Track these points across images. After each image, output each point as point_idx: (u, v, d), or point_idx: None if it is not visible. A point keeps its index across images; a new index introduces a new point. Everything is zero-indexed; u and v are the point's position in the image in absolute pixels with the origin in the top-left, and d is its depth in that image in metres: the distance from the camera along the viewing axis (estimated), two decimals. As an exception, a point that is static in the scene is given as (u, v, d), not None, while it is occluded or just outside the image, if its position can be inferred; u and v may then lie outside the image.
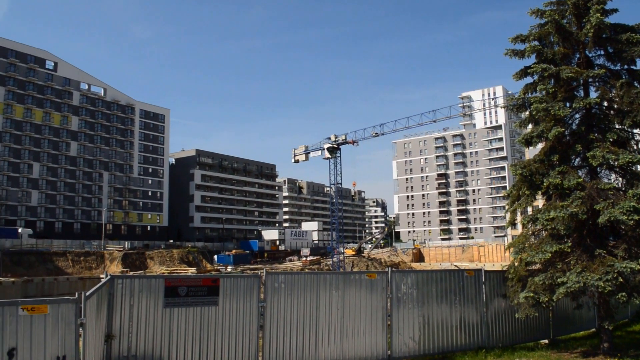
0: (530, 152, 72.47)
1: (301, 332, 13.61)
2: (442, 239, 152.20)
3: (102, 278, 11.20)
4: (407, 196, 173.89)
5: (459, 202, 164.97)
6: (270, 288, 13.29)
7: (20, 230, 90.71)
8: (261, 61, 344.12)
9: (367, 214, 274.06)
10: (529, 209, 17.42)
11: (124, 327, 11.76)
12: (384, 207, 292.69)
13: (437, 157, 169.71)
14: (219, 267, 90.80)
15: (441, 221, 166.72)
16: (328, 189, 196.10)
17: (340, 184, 78.71)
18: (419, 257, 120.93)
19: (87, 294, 9.32)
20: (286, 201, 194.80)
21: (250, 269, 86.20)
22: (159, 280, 12.25)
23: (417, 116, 69.86)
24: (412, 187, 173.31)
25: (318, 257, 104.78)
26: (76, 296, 9.00)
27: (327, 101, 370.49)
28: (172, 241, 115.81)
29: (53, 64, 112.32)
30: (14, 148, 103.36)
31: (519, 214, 17.67)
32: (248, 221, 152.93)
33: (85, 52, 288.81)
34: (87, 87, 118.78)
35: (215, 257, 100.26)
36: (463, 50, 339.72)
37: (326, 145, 77.45)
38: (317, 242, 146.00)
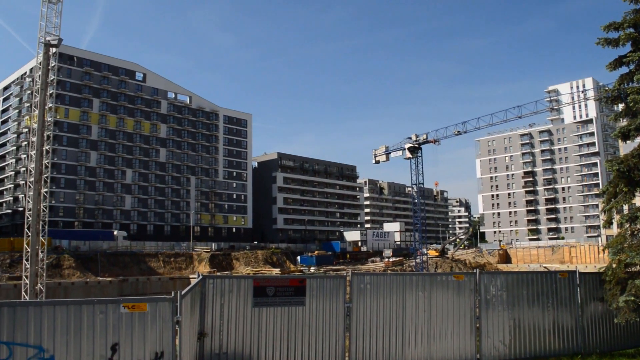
0: (626, 147, 68.42)
1: (387, 333, 13.54)
2: (530, 240, 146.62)
3: (191, 278, 11.67)
4: (492, 195, 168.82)
5: (548, 200, 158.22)
6: (356, 289, 13.31)
7: (115, 232, 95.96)
8: (341, 63, 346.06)
9: (450, 214, 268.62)
10: (626, 207, 16.48)
11: (215, 326, 12.16)
12: (467, 207, 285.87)
13: (523, 154, 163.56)
14: (302, 268, 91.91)
15: (528, 221, 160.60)
16: (409, 189, 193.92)
17: (422, 184, 77.55)
18: (506, 258, 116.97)
19: (182, 293, 9.71)
20: (367, 202, 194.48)
21: (332, 270, 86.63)
22: (247, 281, 12.58)
23: (501, 112, 67.63)
24: (497, 186, 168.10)
25: (401, 258, 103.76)
26: (172, 295, 9.40)
27: (407, 101, 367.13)
28: (256, 242, 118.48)
29: (142, 75, 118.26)
30: (109, 156, 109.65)
31: (615, 212, 16.74)
32: (330, 222, 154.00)
33: (171, 62, 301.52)
34: (173, 96, 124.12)
35: (298, 258, 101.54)
36: (548, 41, 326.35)
37: (407, 145, 76.56)
38: (399, 243, 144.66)
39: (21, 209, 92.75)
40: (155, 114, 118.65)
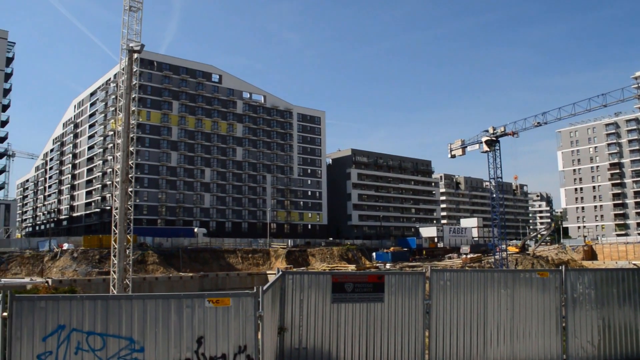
0: None
1: (468, 331, 13.26)
2: (617, 235, 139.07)
3: (269, 274, 11.91)
4: (575, 189, 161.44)
5: (637, 193, 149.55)
6: (435, 285, 13.11)
7: (196, 230, 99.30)
8: (412, 57, 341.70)
9: (530, 208, 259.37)
10: None
11: (295, 321, 12.32)
12: (549, 201, 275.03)
13: (609, 145, 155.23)
14: (377, 265, 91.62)
15: (616, 215, 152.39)
16: (487, 183, 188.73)
17: (501, 178, 75.44)
18: (591, 254, 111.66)
19: (264, 288, 9.90)
20: (443, 197, 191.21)
21: (409, 267, 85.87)
22: (326, 277, 12.66)
23: (584, 101, 64.15)
24: (580, 179, 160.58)
25: (479, 254, 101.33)
26: (255, 290, 9.60)
27: (482, 93, 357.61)
28: (331, 239, 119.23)
29: (218, 77, 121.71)
30: (188, 156, 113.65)
31: None
32: (405, 218, 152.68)
33: (245, 63, 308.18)
34: (248, 96, 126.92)
35: (374, 254, 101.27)
36: (634, 24, 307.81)
37: (484, 138, 74.68)
38: (477, 239, 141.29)
39: (108, 207, 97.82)
40: (231, 114, 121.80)
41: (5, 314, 8.75)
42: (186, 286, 69.11)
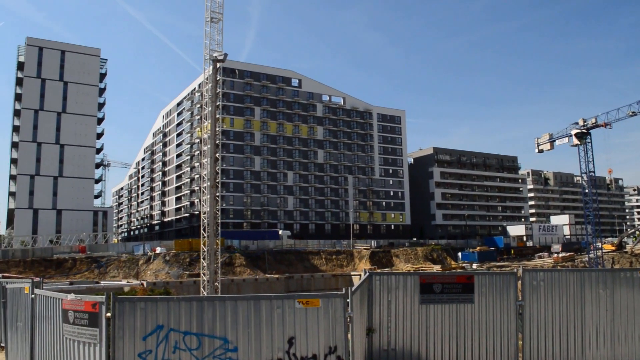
0: None
1: (565, 333, 12.70)
2: None
3: (353, 275, 11.91)
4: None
5: None
6: (528, 286, 12.65)
7: (280, 232, 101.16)
8: (495, 49, 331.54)
9: (626, 203, 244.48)
10: None
11: (383, 322, 12.27)
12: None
13: None
14: (463, 265, 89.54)
15: None
16: (578, 178, 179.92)
17: (593, 172, 71.74)
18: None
19: (353, 289, 9.94)
20: (531, 194, 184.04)
21: (496, 267, 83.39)
22: (414, 277, 12.52)
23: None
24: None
25: (571, 253, 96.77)
26: (343, 291, 9.65)
27: (568, 85, 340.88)
28: (415, 239, 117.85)
29: (297, 81, 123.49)
30: (271, 160, 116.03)
31: None
32: (491, 217, 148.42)
33: (323, 66, 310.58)
34: (328, 98, 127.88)
35: (459, 254, 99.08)
36: None
37: (574, 131, 71.34)
38: (568, 237, 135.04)
39: (197, 212, 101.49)
40: (311, 117, 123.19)
41: (109, 314, 9.24)
42: (272, 288, 70.45)
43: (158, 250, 78.09)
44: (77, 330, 9.72)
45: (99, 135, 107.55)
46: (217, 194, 38.58)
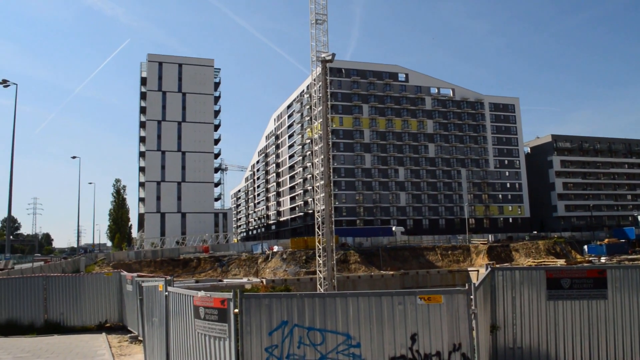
0: None
1: None
2: None
3: (470, 271, 11.60)
4: None
5: None
6: (671, 280, 11.69)
7: (394, 228, 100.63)
8: (611, 27, 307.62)
9: None
10: None
11: (508, 319, 11.88)
12: None
13: None
14: (590, 258, 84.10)
15: None
16: None
17: None
18: None
19: (476, 285, 9.70)
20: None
21: (627, 260, 77.51)
22: (539, 272, 11.98)
23: None
24: None
25: None
26: (467, 287, 9.45)
27: None
28: (535, 232, 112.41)
29: (404, 76, 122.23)
30: (381, 156, 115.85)
31: None
32: (620, 206, 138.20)
33: (430, 58, 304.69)
34: (436, 90, 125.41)
35: (585, 247, 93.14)
36: None
37: None
38: None
39: (311, 211, 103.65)
40: (420, 111, 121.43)
41: (237, 310, 9.69)
42: (387, 284, 70.14)
43: (275, 248, 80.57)
44: (208, 325, 10.27)
45: (216, 141, 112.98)
46: (330, 192, 39.17)
